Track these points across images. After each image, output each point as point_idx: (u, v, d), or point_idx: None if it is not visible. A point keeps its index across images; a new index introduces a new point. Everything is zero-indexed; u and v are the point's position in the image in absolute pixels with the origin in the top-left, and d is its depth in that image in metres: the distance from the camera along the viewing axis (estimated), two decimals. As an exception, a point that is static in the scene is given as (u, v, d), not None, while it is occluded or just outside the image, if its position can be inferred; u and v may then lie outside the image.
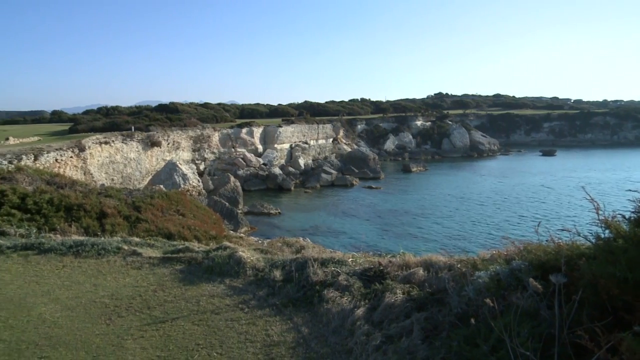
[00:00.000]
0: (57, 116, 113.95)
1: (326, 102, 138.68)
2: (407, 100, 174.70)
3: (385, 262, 7.55)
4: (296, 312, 6.36)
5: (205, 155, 71.35)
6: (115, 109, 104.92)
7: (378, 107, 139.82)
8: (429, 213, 51.94)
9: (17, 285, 6.58)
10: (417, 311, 5.97)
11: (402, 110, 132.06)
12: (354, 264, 7.97)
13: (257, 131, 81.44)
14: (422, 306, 6.08)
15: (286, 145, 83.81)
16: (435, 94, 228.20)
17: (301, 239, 18.96)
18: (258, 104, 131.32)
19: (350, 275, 7.41)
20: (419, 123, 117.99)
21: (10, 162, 29.38)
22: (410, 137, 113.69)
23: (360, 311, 6.30)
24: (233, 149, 75.90)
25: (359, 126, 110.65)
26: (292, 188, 69.09)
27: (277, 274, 7.67)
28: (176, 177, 56.32)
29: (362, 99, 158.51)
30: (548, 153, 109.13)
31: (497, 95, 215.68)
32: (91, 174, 44.29)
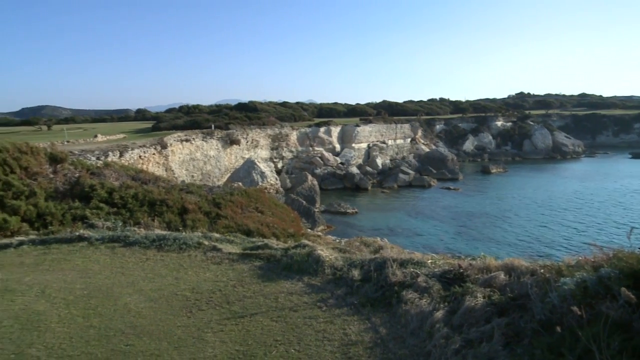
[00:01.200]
0: (141, 115, 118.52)
1: (404, 102, 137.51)
2: (487, 100, 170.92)
3: (466, 264, 7.39)
4: (374, 312, 6.31)
5: (283, 154, 72.27)
6: (196, 107, 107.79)
7: (457, 107, 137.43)
8: (508, 216, 50.55)
9: (105, 275, 6.86)
10: (497, 316, 5.80)
11: (481, 110, 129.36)
12: (433, 265, 7.83)
13: (335, 130, 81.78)
14: (503, 311, 5.90)
15: (364, 145, 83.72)
16: (516, 94, 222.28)
17: (379, 239, 18.85)
18: (336, 103, 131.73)
19: (430, 277, 7.29)
20: (499, 123, 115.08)
21: (98, 159, 30.74)
22: (490, 137, 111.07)
23: (439, 314, 6.19)
24: (311, 148, 76.50)
25: (437, 126, 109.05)
26: (369, 188, 68.96)
27: (356, 273, 7.65)
28: (254, 174, 57.33)
29: (441, 99, 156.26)
30: (638, 155, 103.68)
31: (583, 95, 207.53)
32: (172, 170, 45.68)
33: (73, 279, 6.64)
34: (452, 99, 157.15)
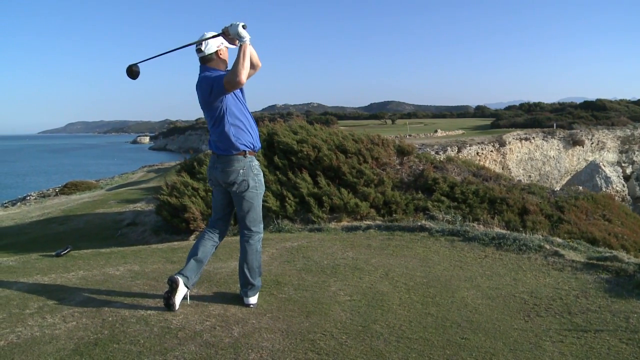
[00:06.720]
0: (480, 111, 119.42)
1: None
2: None
3: None
4: None
5: (634, 158, 65.43)
6: (537, 105, 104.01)
7: None
8: None
9: (443, 267, 7.01)
10: None
11: None
12: None
13: (702, 133, 71.09)
14: None
15: None
16: None
17: None
18: None
19: None
20: None
21: (436, 153, 31.89)
22: None
23: None
24: (668, 153, 67.88)
25: None
26: None
27: None
28: (598, 179, 53.08)
29: None
30: None
31: None
32: (509, 169, 44.96)
33: (414, 266, 6.94)
34: None
